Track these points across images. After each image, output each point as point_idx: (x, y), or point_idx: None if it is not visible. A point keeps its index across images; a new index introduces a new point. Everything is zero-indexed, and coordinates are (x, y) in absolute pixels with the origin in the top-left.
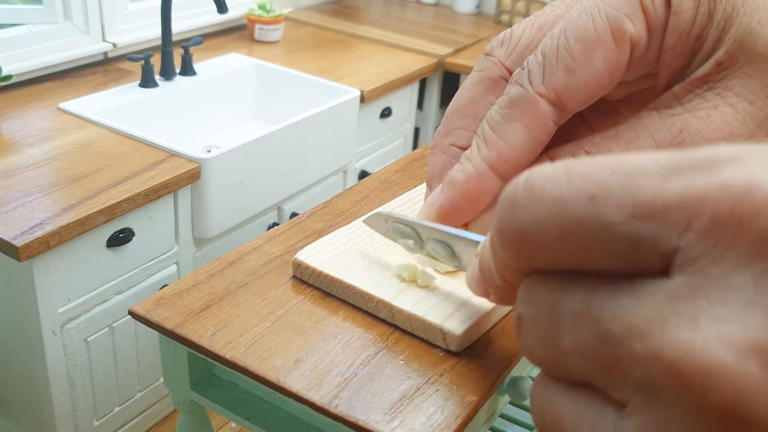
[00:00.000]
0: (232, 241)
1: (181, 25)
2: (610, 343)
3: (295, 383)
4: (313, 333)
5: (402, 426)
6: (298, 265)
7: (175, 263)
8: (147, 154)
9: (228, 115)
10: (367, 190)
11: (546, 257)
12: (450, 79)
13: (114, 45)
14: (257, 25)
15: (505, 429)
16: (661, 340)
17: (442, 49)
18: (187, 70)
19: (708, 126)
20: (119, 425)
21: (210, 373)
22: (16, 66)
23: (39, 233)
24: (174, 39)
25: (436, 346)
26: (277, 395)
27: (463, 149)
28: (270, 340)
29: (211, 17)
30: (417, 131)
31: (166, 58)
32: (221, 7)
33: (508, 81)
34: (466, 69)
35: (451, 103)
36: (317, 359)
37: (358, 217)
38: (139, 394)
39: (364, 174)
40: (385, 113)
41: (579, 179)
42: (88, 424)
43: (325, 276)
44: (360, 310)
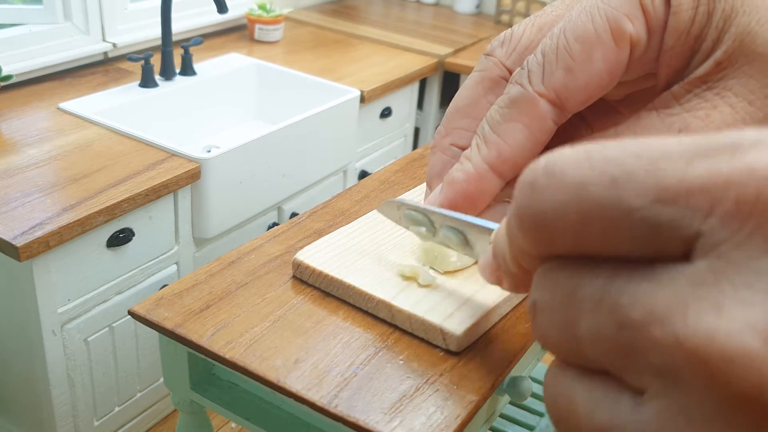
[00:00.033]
0: (232, 241)
1: (181, 25)
2: (629, 329)
3: (295, 383)
4: (313, 333)
5: (402, 426)
6: (298, 265)
7: (175, 263)
8: (147, 154)
9: (228, 115)
10: (367, 190)
11: (565, 242)
12: (450, 79)
13: (114, 45)
14: (257, 25)
15: (505, 429)
16: (683, 325)
17: (442, 49)
18: (187, 70)
19: (707, 126)
20: (119, 425)
21: (210, 373)
22: (16, 66)
23: (39, 233)
24: (174, 39)
25: (436, 346)
26: (277, 395)
27: (464, 149)
28: (270, 340)
29: (211, 17)
30: (417, 131)
31: (166, 58)
32: (221, 7)
33: (508, 81)
34: (466, 69)
35: (451, 103)
36: (317, 359)
37: (358, 217)
38: (139, 394)
39: (364, 174)
40: (385, 113)
41: (601, 162)
42: (88, 424)
43: (325, 276)
44: (360, 310)
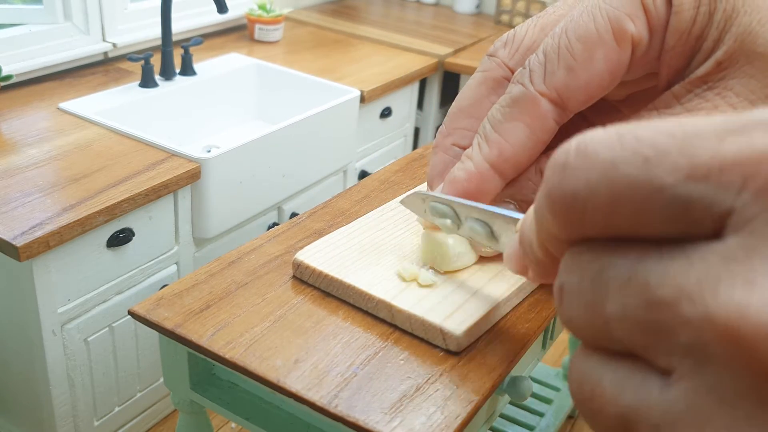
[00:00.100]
0: (232, 241)
1: (181, 25)
2: (658, 307)
3: (295, 383)
4: (313, 333)
5: (402, 426)
6: (298, 265)
7: (175, 263)
8: (147, 154)
9: (228, 115)
10: (367, 190)
11: (595, 223)
12: (450, 79)
13: (114, 45)
14: (257, 25)
15: (505, 429)
16: (714, 302)
17: (442, 49)
18: (187, 70)
19: None
20: (119, 425)
21: (210, 373)
22: (16, 66)
23: (39, 233)
24: (174, 39)
25: (436, 346)
26: (277, 395)
27: (465, 149)
28: (270, 340)
29: (211, 17)
30: (417, 131)
31: (166, 58)
32: (221, 7)
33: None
34: (466, 69)
35: (453, 103)
36: (317, 359)
37: (358, 217)
38: (139, 394)
39: (364, 174)
40: (385, 113)
41: (632, 142)
42: (88, 424)
43: (325, 276)
44: (360, 310)
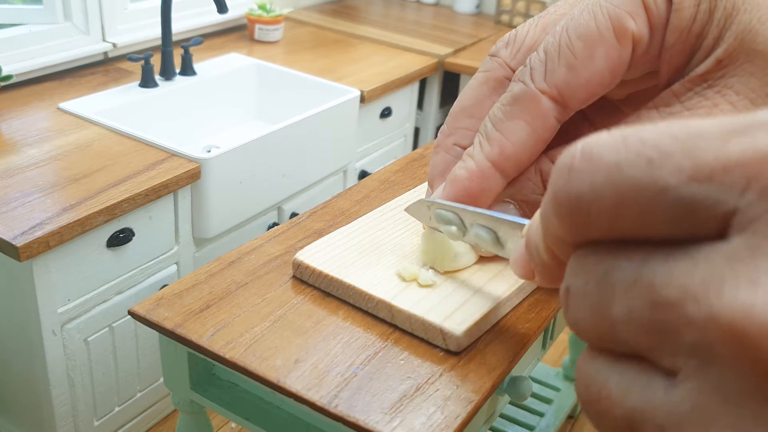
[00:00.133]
0: (232, 241)
1: (181, 25)
2: (663, 308)
3: (295, 383)
4: (313, 333)
5: (402, 426)
6: (298, 265)
7: (175, 263)
8: (147, 154)
9: (228, 115)
10: (367, 190)
11: (601, 225)
12: (450, 79)
13: (114, 45)
14: (257, 25)
15: (505, 429)
16: (719, 301)
17: (442, 49)
18: (187, 70)
19: None
20: (119, 425)
21: (210, 373)
22: (16, 66)
23: (39, 233)
24: (174, 39)
25: (436, 346)
26: (277, 395)
27: (467, 149)
28: (270, 340)
29: (211, 17)
30: (417, 131)
31: (166, 58)
32: (221, 7)
33: None
34: (466, 69)
35: (455, 103)
36: (317, 359)
37: (358, 217)
38: (139, 394)
39: (364, 174)
40: (385, 113)
41: (637, 144)
42: (88, 424)
43: (325, 276)
44: (360, 310)
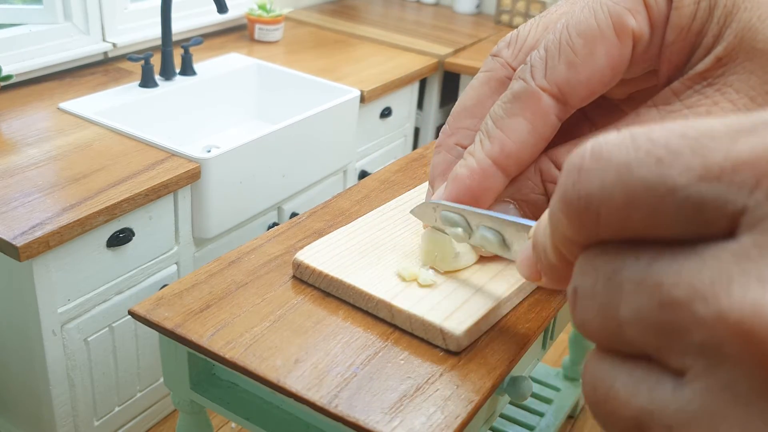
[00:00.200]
0: (232, 241)
1: (181, 25)
2: (671, 308)
3: (295, 383)
4: (313, 333)
5: (402, 426)
6: (298, 265)
7: (175, 263)
8: (147, 154)
9: (228, 115)
10: (367, 190)
11: (610, 224)
12: (450, 79)
13: (114, 45)
14: (257, 25)
15: (505, 429)
16: (728, 300)
17: (442, 49)
18: (187, 70)
19: None
20: (119, 425)
21: (210, 373)
22: (16, 66)
23: (39, 233)
24: (174, 39)
25: (436, 346)
26: (277, 395)
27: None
28: (270, 340)
29: (211, 17)
30: (417, 131)
31: (166, 58)
32: (221, 7)
33: None
34: (466, 69)
35: (457, 102)
36: (317, 359)
37: (358, 217)
38: (139, 394)
39: (364, 174)
40: (385, 113)
41: (646, 143)
42: (88, 424)
43: (325, 276)
44: (360, 310)
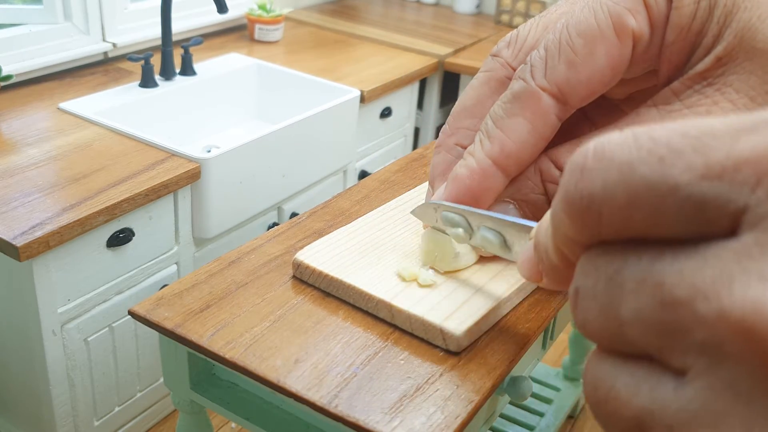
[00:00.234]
0: (232, 241)
1: (181, 25)
2: (672, 307)
3: (295, 383)
4: (313, 333)
5: (402, 426)
6: (298, 265)
7: (175, 263)
8: (147, 154)
9: (228, 115)
10: (367, 190)
11: (612, 224)
12: (450, 79)
13: (114, 45)
14: (257, 25)
15: (505, 429)
16: (729, 298)
17: (442, 49)
18: (187, 70)
19: None
20: (119, 425)
21: (210, 373)
22: (16, 66)
23: (39, 233)
24: (174, 39)
25: (436, 346)
26: (277, 395)
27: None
28: (270, 340)
29: (211, 17)
30: (417, 131)
31: (166, 58)
32: (221, 7)
33: None
34: (466, 69)
35: (457, 102)
36: (317, 359)
37: (358, 217)
38: (139, 394)
39: (364, 174)
40: (385, 113)
41: (648, 143)
42: (88, 424)
43: (325, 276)
44: (360, 310)
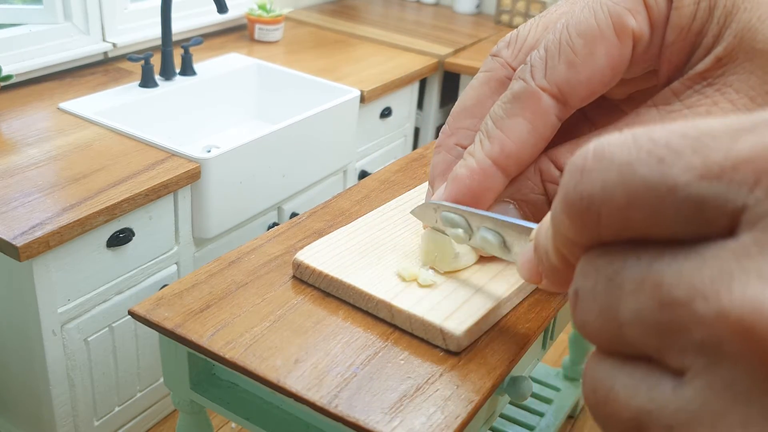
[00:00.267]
0: (232, 241)
1: (181, 25)
2: (671, 307)
3: (295, 383)
4: (313, 333)
5: (402, 426)
6: (298, 265)
7: (175, 263)
8: (147, 154)
9: (228, 115)
10: (367, 190)
11: (611, 225)
12: (450, 79)
13: (114, 45)
14: (257, 25)
15: (505, 429)
16: (728, 298)
17: (442, 49)
18: (187, 70)
19: None
20: (119, 425)
21: (210, 373)
22: (16, 66)
23: (39, 233)
24: (174, 39)
25: (436, 346)
26: (277, 395)
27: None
28: (270, 340)
29: (211, 17)
30: (417, 131)
31: (166, 58)
32: (221, 7)
33: None
34: (466, 69)
35: (456, 102)
36: (317, 359)
37: (358, 217)
38: (139, 394)
39: (364, 174)
40: (385, 113)
41: (647, 143)
42: (88, 424)
43: (325, 276)
44: (360, 310)
